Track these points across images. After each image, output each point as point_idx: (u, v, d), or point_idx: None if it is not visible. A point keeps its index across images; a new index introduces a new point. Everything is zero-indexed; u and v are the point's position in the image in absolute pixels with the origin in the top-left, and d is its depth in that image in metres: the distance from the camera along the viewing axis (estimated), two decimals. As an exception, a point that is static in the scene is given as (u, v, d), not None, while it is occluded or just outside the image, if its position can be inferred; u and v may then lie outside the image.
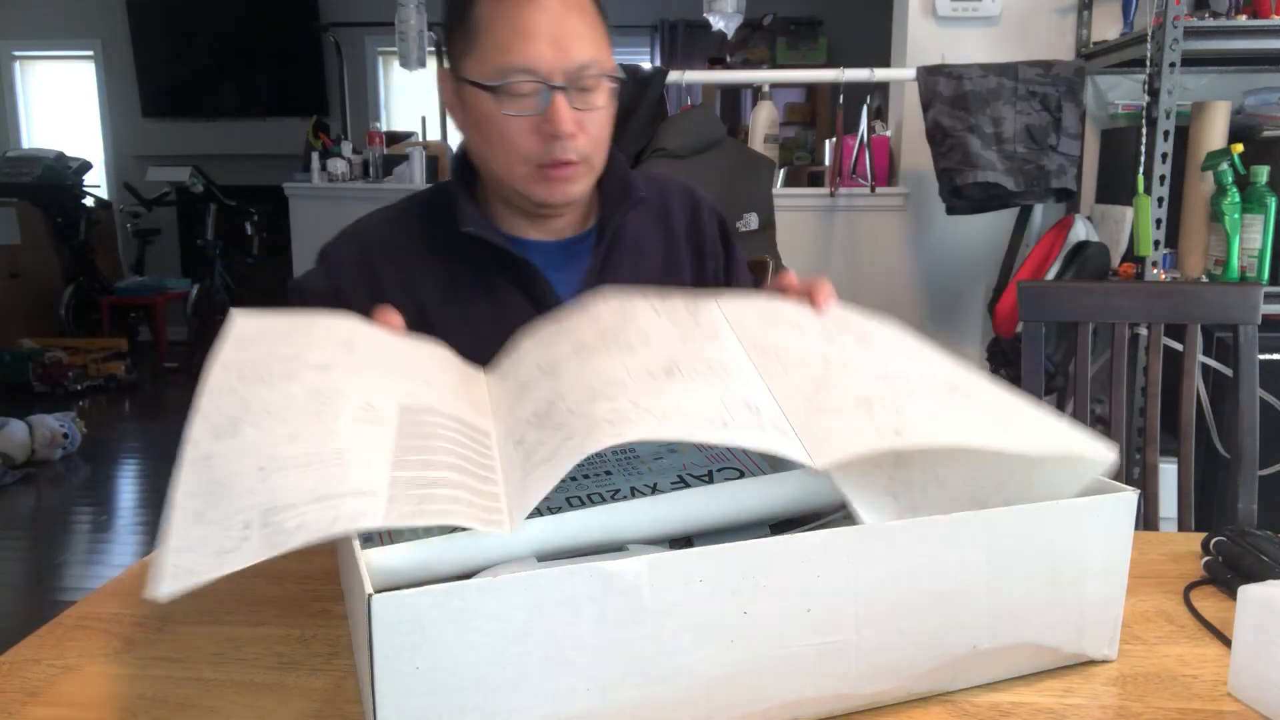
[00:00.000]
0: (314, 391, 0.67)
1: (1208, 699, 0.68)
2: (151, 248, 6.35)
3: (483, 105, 0.98)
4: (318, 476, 0.59)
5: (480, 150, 1.04)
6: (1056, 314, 1.36)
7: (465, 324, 1.04)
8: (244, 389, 0.67)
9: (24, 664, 0.73)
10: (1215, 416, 2.11)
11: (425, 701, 0.56)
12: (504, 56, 0.95)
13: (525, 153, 0.98)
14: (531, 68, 0.95)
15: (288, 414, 0.65)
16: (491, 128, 0.99)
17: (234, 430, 0.63)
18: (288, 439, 0.62)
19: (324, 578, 0.88)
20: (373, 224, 1.11)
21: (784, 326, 0.80)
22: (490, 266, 1.07)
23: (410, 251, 1.08)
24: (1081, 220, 2.37)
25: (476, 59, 0.98)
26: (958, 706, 0.67)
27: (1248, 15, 2.16)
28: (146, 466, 3.95)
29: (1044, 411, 0.74)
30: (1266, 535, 0.87)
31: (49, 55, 6.48)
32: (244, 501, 0.58)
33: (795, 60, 5.79)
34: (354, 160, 3.47)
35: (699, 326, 0.77)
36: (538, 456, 0.64)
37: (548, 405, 0.69)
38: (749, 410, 0.67)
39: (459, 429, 0.69)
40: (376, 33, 6.08)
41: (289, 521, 0.56)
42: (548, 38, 0.95)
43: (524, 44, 0.95)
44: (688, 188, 1.20)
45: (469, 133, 1.05)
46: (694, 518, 0.72)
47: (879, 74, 2.51)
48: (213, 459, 0.61)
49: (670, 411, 0.65)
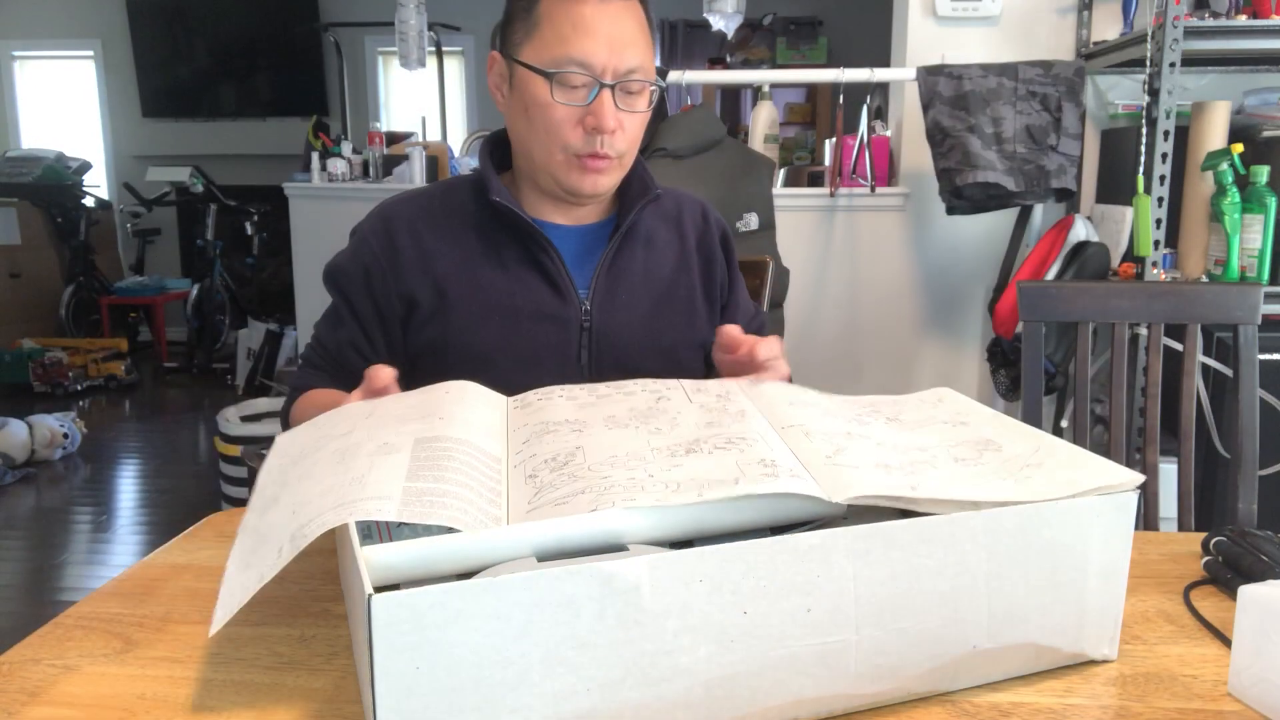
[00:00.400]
0: (337, 451, 0.74)
1: (1208, 699, 0.68)
2: (151, 248, 6.35)
3: (535, 89, 1.05)
4: (338, 494, 0.65)
5: (522, 132, 1.10)
6: (1056, 314, 1.37)
7: (478, 295, 1.10)
8: (281, 473, 0.76)
9: (24, 664, 0.73)
10: (1215, 416, 2.11)
11: (425, 701, 0.56)
12: (562, 47, 1.02)
13: (566, 141, 1.05)
14: (587, 62, 1.02)
15: (316, 471, 0.71)
16: (539, 112, 1.05)
17: (274, 502, 0.70)
18: (316, 489, 0.68)
19: (324, 578, 0.88)
20: (398, 202, 1.17)
21: (811, 409, 0.83)
22: (509, 243, 1.12)
23: (431, 227, 1.13)
24: (1081, 220, 2.37)
25: (535, 46, 1.04)
26: (958, 706, 0.67)
27: (1248, 15, 2.16)
28: (146, 466, 3.95)
29: (1077, 453, 0.75)
30: (1266, 535, 0.87)
31: (49, 55, 6.48)
32: (277, 537, 0.64)
33: (795, 60, 5.79)
34: (354, 160, 3.47)
35: (725, 411, 0.81)
36: (547, 496, 0.67)
37: (568, 455, 0.72)
38: (764, 466, 0.70)
39: (471, 452, 0.73)
40: (376, 33, 6.08)
41: (310, 526, 0.62)
42: (605, 38, 1.02)
43: (582, 39, 1.02)
44: (699, 201, 1.27)
45: (513, 115, 1.11)
46: (695, 524, 0.72)
47: (879, 74, 2.51)
48: (258, 528, 0.68)
49: (684, 480, 0.68)
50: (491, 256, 1.12)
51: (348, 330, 1.15)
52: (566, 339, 1.11)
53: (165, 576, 0.89)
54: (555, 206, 1.15)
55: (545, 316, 1.11)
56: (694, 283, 1.20)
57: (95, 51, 6.39)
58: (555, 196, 1.13)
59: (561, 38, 1.02)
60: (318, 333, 1.19)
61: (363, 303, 1.13)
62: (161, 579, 0.88)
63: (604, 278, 1.14)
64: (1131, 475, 0.71)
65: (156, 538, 3.15)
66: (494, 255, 1.12)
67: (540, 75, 1.03)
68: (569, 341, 1.12)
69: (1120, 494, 0.70)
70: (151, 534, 3.22)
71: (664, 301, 1.17)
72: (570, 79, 1.03)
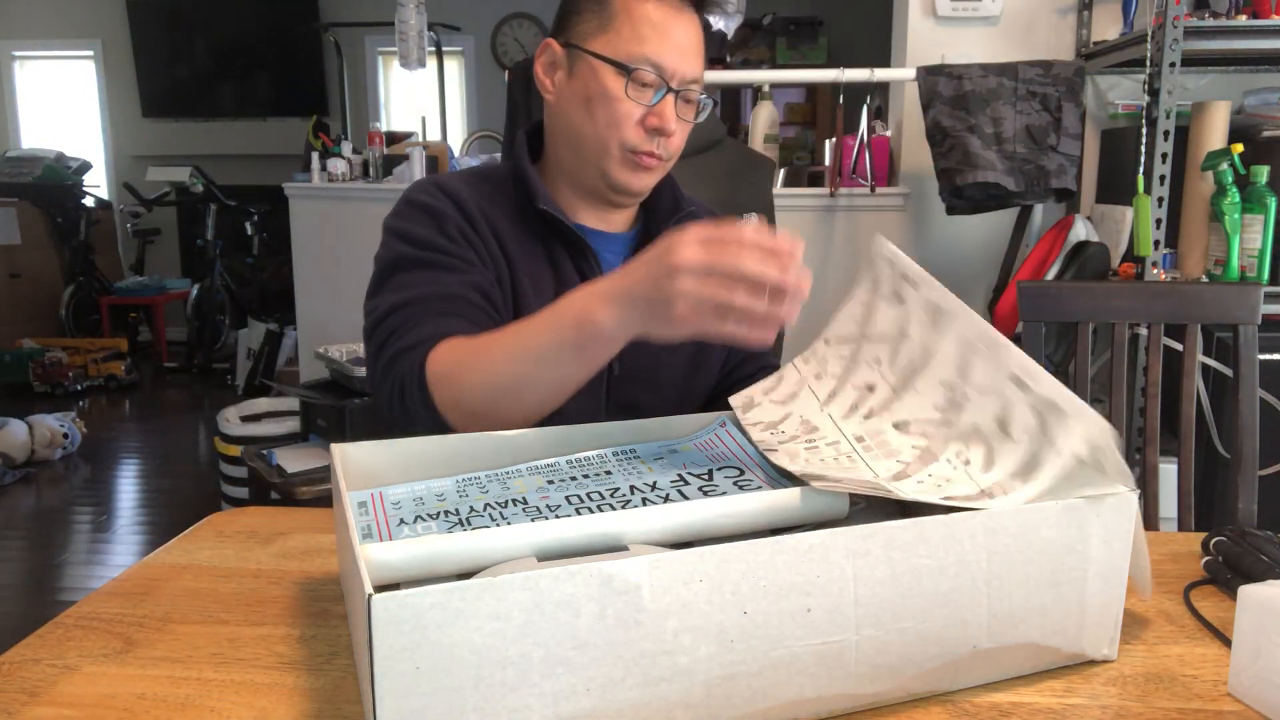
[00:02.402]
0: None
1: (1208, 699, 0.68)
2: (151, 248, 6.35)
3: (606, 81, 1.05)
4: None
5: (576, 123, 1.09)
6: (1056, 314, 1.36)
7: (535, 288, 1.10)
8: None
9: (24, 664, 0.73)
10: (1215, 416, 2.10)
11: (425, 701, 0.56)
12: (640, 46, 1.04)
13: (624, 136, 1.06)
14: (661, 64, 1.04)
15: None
16: (604, 104, 1.05)
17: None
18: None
19: (324, 578, 0.88)
20: (447, 179, 1.14)
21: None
22: (555, 243, 1.12)
23: (495, 213, 1.11)
24: (1081, 220, 2.37)
25: (609, 39, 1.05)
26: (958, 706, 0.67)
27: (1248, 15, 2.16)
28: (146, 466, 3.95)
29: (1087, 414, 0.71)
30: (1266, 535, 0.87)
31: (49, 55, 6.48)
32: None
33: (795, 60, 5.79)
34: (354, 160, 3.47)
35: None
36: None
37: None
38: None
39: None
40: (376, 33, 6.08)
41: None
42: (677, 45, 1.06)
43: (660, 42, 1.04)
44: (714, 212, 1.27)
45: (566, 104, 1.10)
46: (694, 525, 0.72)
47: (879, 74, 2.51)
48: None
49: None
50: (543, 255, 1.11)
51: (466, 276, 1.04)
52: None
53: (165, 576, 0.89)
54: (591, 209, 1.15)
55: None
56: None
57: (95, 51, 6.39)
58: (594, 195, 1.13)
59: (640, 36, 1.04)
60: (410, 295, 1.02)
61: (463, 250, 1.06)
62: (161, 579, 0.88)
63: None
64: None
65: (156, 538, 3.15)
66: (548, 254, 1.11)
67: (616, 68, 1.04)
68: None
69: (1120, 494, 0.70)
70: (151, 534, 3.22)
71: None
72: (643, 76, 1.04)
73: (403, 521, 0.74)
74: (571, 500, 0.77)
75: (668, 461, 0.84)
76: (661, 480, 0.80)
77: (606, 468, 0.83)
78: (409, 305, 1.02)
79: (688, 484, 0.80)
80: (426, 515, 0.75)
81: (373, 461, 0.83)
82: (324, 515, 1.04)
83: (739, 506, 0.73)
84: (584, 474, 0.82)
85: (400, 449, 0.84)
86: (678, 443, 0.89)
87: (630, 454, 0.86)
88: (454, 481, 0.81)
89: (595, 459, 0.84)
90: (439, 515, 0.75)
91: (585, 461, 0.84)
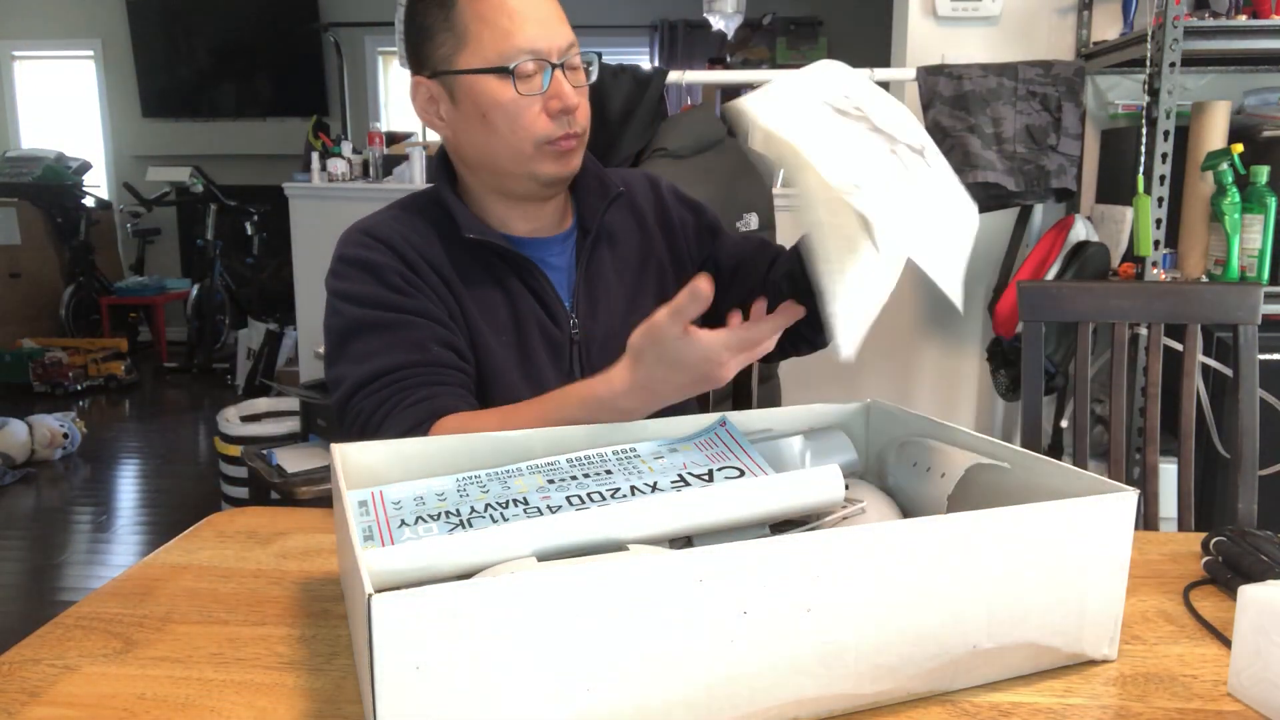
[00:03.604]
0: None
1: (1208, 699, 0.68)
2: (151, 248, 6.35)
3: (491, 92, 1.03)
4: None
5: (480, 142, 1.07)
6: (1056, 314, 1.36)
7: (486, 312, 1.09)
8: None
9: (24, 664, 0.73)
10: (1215, 416, 2.11)
11: (425, 701, 0.56)
12: (506, 41, 1.01)
13: (536, 133, 1.04)
14: (533, 48, 1.02)
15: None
16: (501, 113, 1.03)
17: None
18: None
19: (324, 578, 0.88)
20: (374, 224, 1.11)
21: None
22: (494, 262, 1.11)
23: (430, 248, 1.09)
24: (1081, 220, 2.37)
25: (472, 50, 1.03)
26: (958, 706, 0.67)
27: (1248, 15, 2.16)
28: (146, 466, 3.95)
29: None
30: (1266, 535, 0.87)
31: (49, 55, 6.48)
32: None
33: (795, 60, 5.79)
34: (354, 160, 3.46)
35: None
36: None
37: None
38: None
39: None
40: (376, 33, 6.08)
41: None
42: (539, 21, 1.02)
43: (521, 27, 1.01)
44: (646, 174, 1.26)
45: (464, 128, 1.07)
46: (694, 518, 0.72)
47: (879, 74, 2.51)
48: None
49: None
50: (487, 278, 1.10)
51: (423, 332, 1.03)
52: (561, 355, 1.12)
53: (165, 576, 0.89)
54: (524, 214, 1.13)
55: (546, 337, 1.11)
56: (662, 261, 1.19)
57: (95, 51, 6.39)
58: (526, 197, 1.11)
59: (502, 32, 1.01)
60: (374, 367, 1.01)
61: (411, 298, 1.05)
62: (161, 579, 0.88)
63: (583, 290, 1.14)
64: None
65: (156, 538, 3.15)
66: (489, 277, 1.10)
67: (495, 75, 1.02)
68: (564, 357, 1.12)
69: (1120, 494, 0.70)
70: (151, 534, 3.22)
71: (637, 294, 1.17)
72: (525, 69, 1.02)
73: (404, 523, 0.74)
74: (572, 500, 0.77)
75: (668, 461, 0.84)
76: (662, 481, 0.80)
77: (606, 467, 0.83)
78: (377, 380, 1.01)
79: (688, 484, 0.80)
80: (427, 516, 0.75)
81: (373, 461, 0.83)
82: (324, 515, 1.04)
83: (736, 501, 0.73)
84: (584, 473, 0.82)
85: (400, 449, 0.84)
86: (678, 442, 0.89)
87: (630, 453, 0.86)
88: (454, 480, 0.81)
89: (595, 458, 0.84)
90: (440, 516, 0.75)
91: (585, 461, 0.84)
